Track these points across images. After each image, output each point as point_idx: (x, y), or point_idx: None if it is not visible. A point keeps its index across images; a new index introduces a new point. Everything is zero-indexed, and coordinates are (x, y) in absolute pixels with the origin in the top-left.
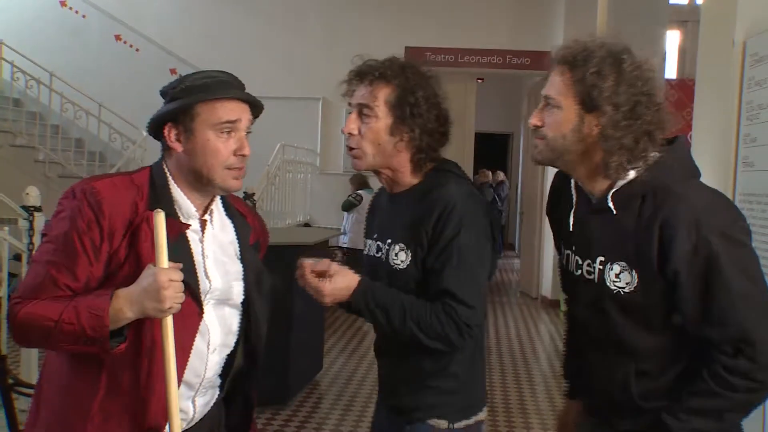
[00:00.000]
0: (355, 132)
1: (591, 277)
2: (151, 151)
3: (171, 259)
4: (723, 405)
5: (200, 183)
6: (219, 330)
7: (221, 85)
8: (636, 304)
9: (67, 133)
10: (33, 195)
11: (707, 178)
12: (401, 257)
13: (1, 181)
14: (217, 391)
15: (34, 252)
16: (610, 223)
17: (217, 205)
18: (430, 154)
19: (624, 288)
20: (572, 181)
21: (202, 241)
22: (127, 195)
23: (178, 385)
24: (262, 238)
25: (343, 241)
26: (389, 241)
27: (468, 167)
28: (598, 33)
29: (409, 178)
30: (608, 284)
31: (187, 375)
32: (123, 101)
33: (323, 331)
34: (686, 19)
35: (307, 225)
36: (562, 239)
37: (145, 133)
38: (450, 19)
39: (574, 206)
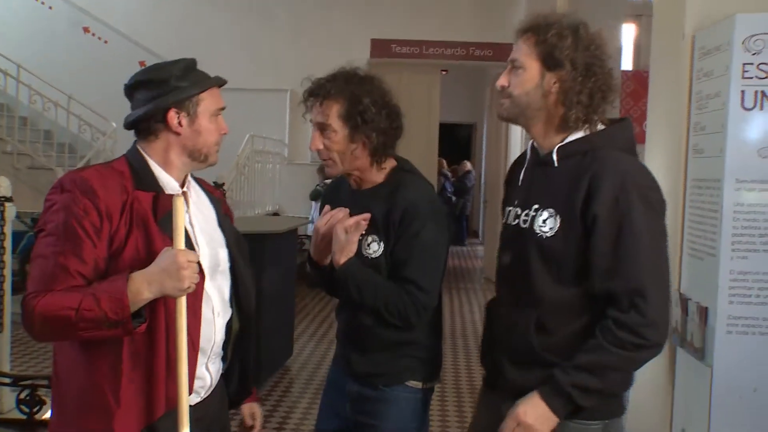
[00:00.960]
0: (321, 147)
1: (525, 225)
2: (121, 142)
3: (167, 230)
4: (608, 361)
5: (195, 161)
6: (218, 296)
7: (209, 76)
8: (553, 249)
9: (36, 125)
10: (4, 186)
11: (661, 164)
12: (373, 248)
13: None
14: (222, 362)
15: (4, 242)
16: (551, 173)
17: (191, 181)
18: (387, 150)
19: (547, 232)
20: (529, 145)
21: (188, 212)
22: (113, 180)
23: (197, 352)
24: (229, 214)
25: (311, 230)
26: (363, 233)
27: (432, 157)
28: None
29: (373, 176)
30: (535, 229)
31: (201, 341)
32: (92, 93)
33: (293, 317)
34: (641, 13)
35: (276, 214)
36: (509, 198)
37: (114, 124)
38: (415, 11)
39: (526, 164)
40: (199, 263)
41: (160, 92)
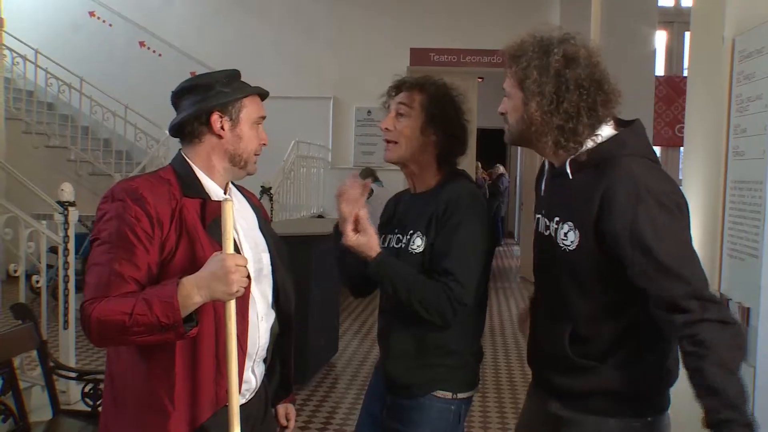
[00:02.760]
0: (391, 128)
1: (553, 236)
2: (173, 149)
3: (215, 235)
4: (721, 354)
5: (235, 166)
6: (262, 300)
7: (251, 86)
8: (576, 262)
9: (96, 134)
10: (67, 191)
11: (700, 166)
12: (417, 242)
13: (37, 180)
14: (263, 363)
15: (68, 244)
16: (567, 186)
17: (231, 187)
18: (451, 157)
19: (569, 245)
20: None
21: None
22: (162, 188)
23: (245, 355)
24: (268, 220)
25: None
26: (411, 231)
27: (471, 161)
28: (549, 28)
29: (430, 178)
30: (559, 242)
31: (248, 345)
32: (147, 103)
33: (338, 315)
34: (672, 20)
35: (320, 216)
36: (537, 206)
37: (167, 132)
38: (452, 21)
39: (545, 174)
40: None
41: (205, 96)
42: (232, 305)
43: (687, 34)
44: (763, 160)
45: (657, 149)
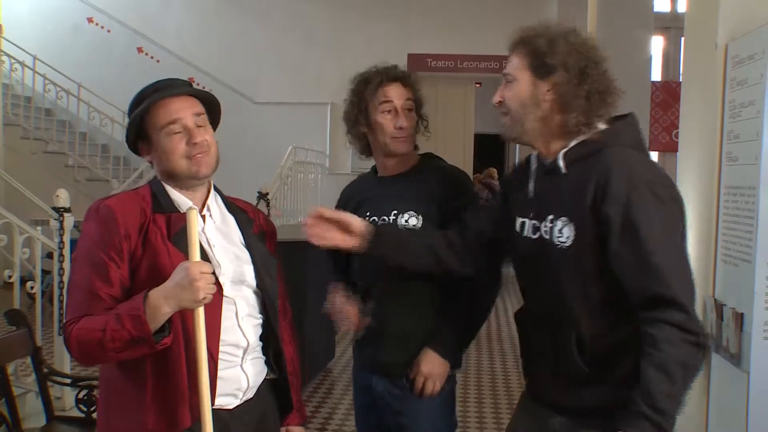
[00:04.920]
0: (405, 125)
1: (547, 237)
2: None
3: (181, 246)
4: (673, 366)
5: (175, 180)
6: (243, 302)
7: (154, 93)
8: (573, 260)
9: (94, 140)
10: (62, 197)
11: (694, 172)
12: (412, 222)
13: (35, 185)
14: (266, 367)
15: (63, 250)
16: (560, 182)
17: (216, 202)
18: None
19: (565, 242)
20: (533, 156)
21: (204, 232)
22: (134, 204)
23: (216, 353)
24: (267, 230)
25: None
26: (395, 212)
27: (468, 166)
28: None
29: (406, 163)
30: (554, 240)
31: (228, 344)
32: None
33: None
34: (669, 26)
35: None
36: (522, 209)
37: None
38: (449, 27)
39: (534, 174)
40: (215, 275)
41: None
42: (200, 313)
43: (683, 40)
44: (755, 166)
45: (654, 154)
